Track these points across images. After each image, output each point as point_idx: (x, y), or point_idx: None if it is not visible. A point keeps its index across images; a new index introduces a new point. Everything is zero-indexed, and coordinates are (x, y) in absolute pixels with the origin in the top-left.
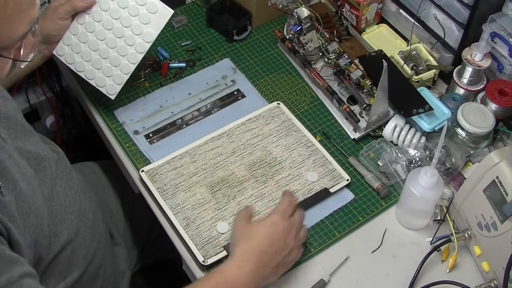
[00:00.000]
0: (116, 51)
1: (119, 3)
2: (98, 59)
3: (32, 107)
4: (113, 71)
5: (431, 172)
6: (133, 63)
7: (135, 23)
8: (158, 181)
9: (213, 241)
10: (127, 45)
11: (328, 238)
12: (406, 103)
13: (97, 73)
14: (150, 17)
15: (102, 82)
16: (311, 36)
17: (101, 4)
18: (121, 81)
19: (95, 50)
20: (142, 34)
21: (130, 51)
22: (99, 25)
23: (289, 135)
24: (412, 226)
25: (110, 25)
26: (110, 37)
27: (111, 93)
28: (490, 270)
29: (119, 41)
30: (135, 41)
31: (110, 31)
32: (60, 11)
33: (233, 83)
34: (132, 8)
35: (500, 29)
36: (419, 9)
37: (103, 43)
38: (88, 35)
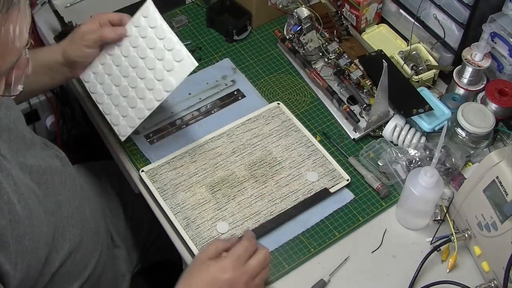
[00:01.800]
0: (135, 92)
1: (147, 42)
2: (117, 95)
3: (32, 107)
4: (129, 112)
5: (431, 172)
6: (148, 109)
7: (159, 67)
8: (158, 181)
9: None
10: (147, 89)
11: (328, 238)
12: (406, 103)
13: (114, 110)
14: (174, 65)
15: (116, 120)
16: (311, 36)
17: (131, 39)
18: (134, 125)
19: (117, 85)
20: (162, 81)
21: (148, 95)
22: (125, 61)
23: (289, 135)
24: (412, 226)
25: (135, 63)
26: (133, 76)
27: (123, 134)
28: (490, 270)
29: (140, 82)
30: (154, 87)
31: (133, 70)
32: (87, 38)
33: (233, 83)
34: (158, 50)
35: (500, 29)
36: (419, 9)
37: (125, 80)
38: (113, 68)
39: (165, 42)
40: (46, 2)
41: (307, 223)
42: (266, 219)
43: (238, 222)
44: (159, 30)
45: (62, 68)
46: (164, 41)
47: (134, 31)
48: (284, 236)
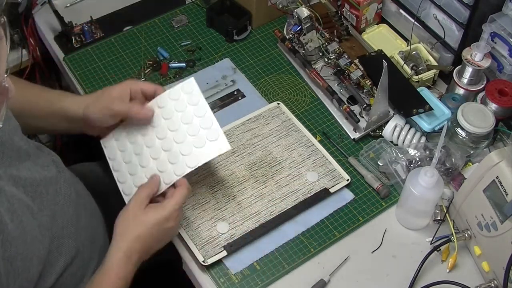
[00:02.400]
0: (155, 164)
1: (182, 117)
2: (136, 164)
3: None
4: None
5: (431, 172)
6: (166, 183)
7: (187, 142)
8: None
9: (213, 241)
10: (169, 162)
11: (328, 238)
12: (406, 103)
13: (129, 179)
14: (205, 143)
15: (129, 190)
16: (311, 36)
17: (164, 111)
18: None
19: (137, 154)
20: (187, 156)
21: (169, 168)
22: (153, 131)
23: (289, 135)
24: (412, 226)
25: (163, 134)
26: (157, 148)
27: None
28: (490, 270)
29: (163, 155)
30: (178, 160)
31: (160, 141)
32: (114, 107)
33: (233, 83)
34: (193, 126)
35: (500, 29)
36: (419, 9)
37: (148, 151)
38: (138, 137)
39: (202, 121)
40: (46, 2)
41: (307, 223)
42: (266, 219)
43: (238, 222)
44: (199, 109)
45: (79, 122)
46: (202, 119)
47: (169, 104)
48: (284, 236)
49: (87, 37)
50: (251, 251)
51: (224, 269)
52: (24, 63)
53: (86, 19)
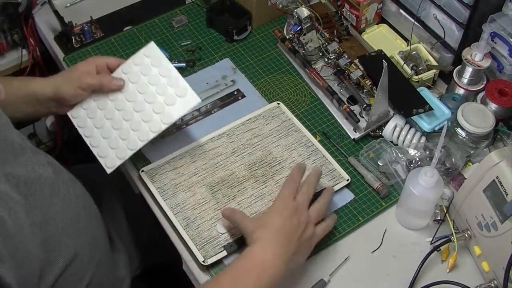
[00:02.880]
0: (129, 124)
1: (149, 79)
2: (109, 128)
3: None
4: (119, 144)
5: (431, 172)
6: (142, 140)
7: (159, 101)
8: (158, 181)
9: (213, 241)
10: (143, 121)
11: (328, 238)
12: (406, 103)
13: (103, 142)
14: (176, 100)
15: (104, 152)
16: (311, 36)
17: (131, 76)
18: (123, 156)
19: (109, 119)
20: (161, 114)
21: (143, 127)
22: (122, 95)
23: (289, 135)
24: (412, 226)
25: (132, 97)
26: (129, 109)
27: (109, 166)
28: (490, 270)
29: (136, 115)
30: (152, 118)
31: (131, 103)
32: (84, 81)
33: (233, 83)
34: (161, 86)
35: (500, 29)
36: (419, 9)
37: (120, 114)
38: (108, 103)
39: (169, 80)
40: (46, 2)
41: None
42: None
43: None
44: (164, 69)
45: (48, 102)
46: (169, 79)
47: (134, 69)
48: None
49: (87, 37)
50: None
51: None
52: (24, 63)
53: (86, 19)
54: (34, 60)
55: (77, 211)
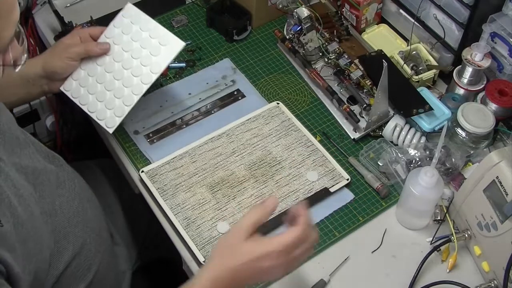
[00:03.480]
0: (121, 83)
1: (132, 36)
2: (102, 91)
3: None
4: (115, 103)
5: (431, 172)
6: (136, 94)
7: (145, 54)
8: (158, 182)
9: (214, 241)
10: (133, 76)
11: (328, 238)
12: (406, 103)
13: (99, 106)
14: (161, 49)
15: (102, 114)
16: (311, 36)
17: (114, 38)
18: (122, 113)
19: (101, 83)
20: (150, 65)
21: (135, 81)
22: (109, 58)
23: (289, 134)
24: (412, 226)
25: (119, 57)
26: (118, 69)
27: (110, 126)
28: (490, 270)
29: (126, 72)
30: (142, 72)
31: (119, 63)
32: (71, 51)
33: (233, 83)
34: (144, 40)
35: (500, 29)
36: (419, 9)
37: (110, 75)
38: (97, 68)
39: (150, 32)
40: (46, 2)
41: None
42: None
43: None
44: (144, 24)
45: (40, 80)
46: (150, 31)
47: (116, 31)
48: None
49: None
50: None
51: None
52: None
53: (86, 19)
54: None
55: (83, 202)
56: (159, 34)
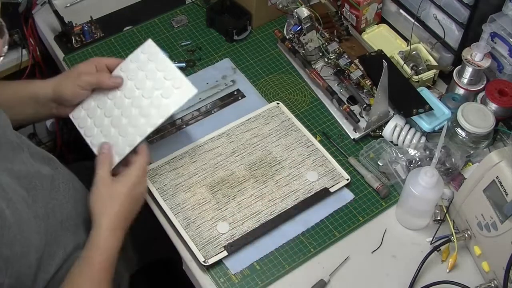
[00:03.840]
0: (128, 121)
1: (147, 74)
2: (108, 125)
3: None
4: (118, 141)
5: (431, 172)
6: (139, 135)
7: (156, 95)
8: (158, 182)
9: (214, 241)
10: (141, 116)
11: (328, 238)
12: (406, 103)
13: (102, 140)
14: (173, 92)
15: None
16: (311, 36)
17: (129, 73)
18: (122, 153)
19: (109, 117)
20: (159, 107)
21: (141, 122)
22: (121, 93)
23: (289, 134)
24: (412, 226)
25: (130, 94)
26: (127, 106)
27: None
28: (490, 270)
29: (134, 111)
30: (150, 113)
31: (129, 100)
32: (83, 79)
33: (233, 83)
34: (157, 81)
35: (500, 29)
36: (419, 9)
37: (119, 111)
38: (107, 102)
39: (165, 74)
40: (46, 2)
41: (307, 223)
42: (266, 219)
43: (238, 222)
44: (160, 63)
45: (49, 103)
46: (165, 72)
47: (132, 66)
48: (284, 236)
49: (87, 37)
50: (251, 251)
51: (224, 269)
52: (24, 63)
53: (86, 19)
54: (34, 60)
55: (77, 205)
56: (174, 76)
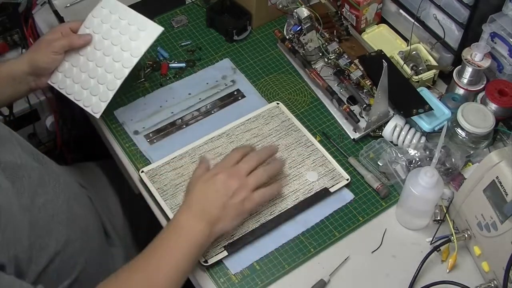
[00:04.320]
0: (104, 69)
1: (111, 25)
2: (87, 79)
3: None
4: (100, 89)
5: (431, 172)
6: (119, 78)
7: (124, 40)
8: (158, 182)
9: (214, 241)
10: (115, 62)
11: (328, 238)
12: (406, 103)
13: (85, 94)
14: (140, 35)
15: (88, 101)
16: (311, 36)
17: (94, 28)
18: (106, 98)
19: (85, 71)
20: (130, 50)
21: (117, 66)
22: (91, 47)
23: (289, 135)
24: (412, 226)
25: (100, 45)
26: (100, 56)
27: (96, 111)
28: (490, 270)
29: (108, 59)
30: (122, 57)
31: (100, 51)
32: (55, 45)
33: (233, 83)
34: (123, 27)
35: (500, 29)
36: (419, 9)
37: (93, 63)
38: (80, 58)
39: (129, 20)
40: (46, 2)
41: (307, 223)
42: (266, 219)
43: None
44: (122, 13)
45: (27, 78)
46: (128, 19)
47: (95, 21)
48: (284, 236)
49: None
50: (251, 251)
51: (224, 269)
52: None
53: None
54: None
55: (68, 199)
56: (137, 21)
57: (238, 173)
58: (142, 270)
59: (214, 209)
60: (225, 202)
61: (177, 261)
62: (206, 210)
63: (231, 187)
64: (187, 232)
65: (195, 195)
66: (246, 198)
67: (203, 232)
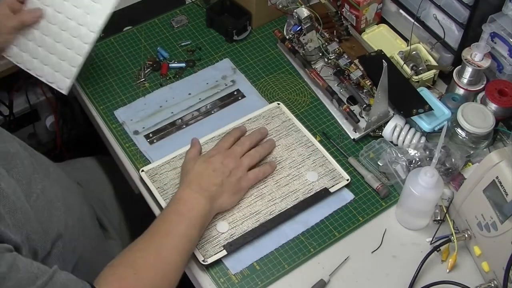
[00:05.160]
0: (62, 45)
1: None
2: (46, 55)
3: (32, 107)
4: (62, 66)
5: (431, 172)
6: (80, 54)
7: (79, 13)
8: (158, 181)
9: (213, 240)
10: (73, 37)
11: (328, 238)
12: (406, 103)
13: (46, 69)
14: (94, 7)
15: (52, 78)
16: (311, 36)
17: (44, 2)
18: (70, 75)
19: (42, 46)
20: (86, 25)
21: (76, 42)
22: (44, 21)
23: (289, 135)
24: (412, 226)
25: (54, 19)
26: (56, 31)
27: (62, 87)
28: (490, 270)
29: (65, 34)
30: (80, 32)
31: (55, 26)
32: (7, 26)
33: (233, 83)
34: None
35: (500, 29)
36: (419, 9)
37: (50, 38)
38: (34, 32)
39: None
40: None
41: (307, 223)
42: (266, 219)
43: (238, 221)
44: None
45: None
46: None
47: None
48: (284, 236)
49: None
50: (251, 251)
51: (224, 269)
52: None
53: None
54: None
55: (62, 188)
56: None
57: (233, 154)
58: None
59: (212, 186)
60: (223, 180)
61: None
62: (205, 187)
63: (228, 167)
64: (190, 204)
65: (193, 175)
66: (242, 177)
67: (204, 206)
